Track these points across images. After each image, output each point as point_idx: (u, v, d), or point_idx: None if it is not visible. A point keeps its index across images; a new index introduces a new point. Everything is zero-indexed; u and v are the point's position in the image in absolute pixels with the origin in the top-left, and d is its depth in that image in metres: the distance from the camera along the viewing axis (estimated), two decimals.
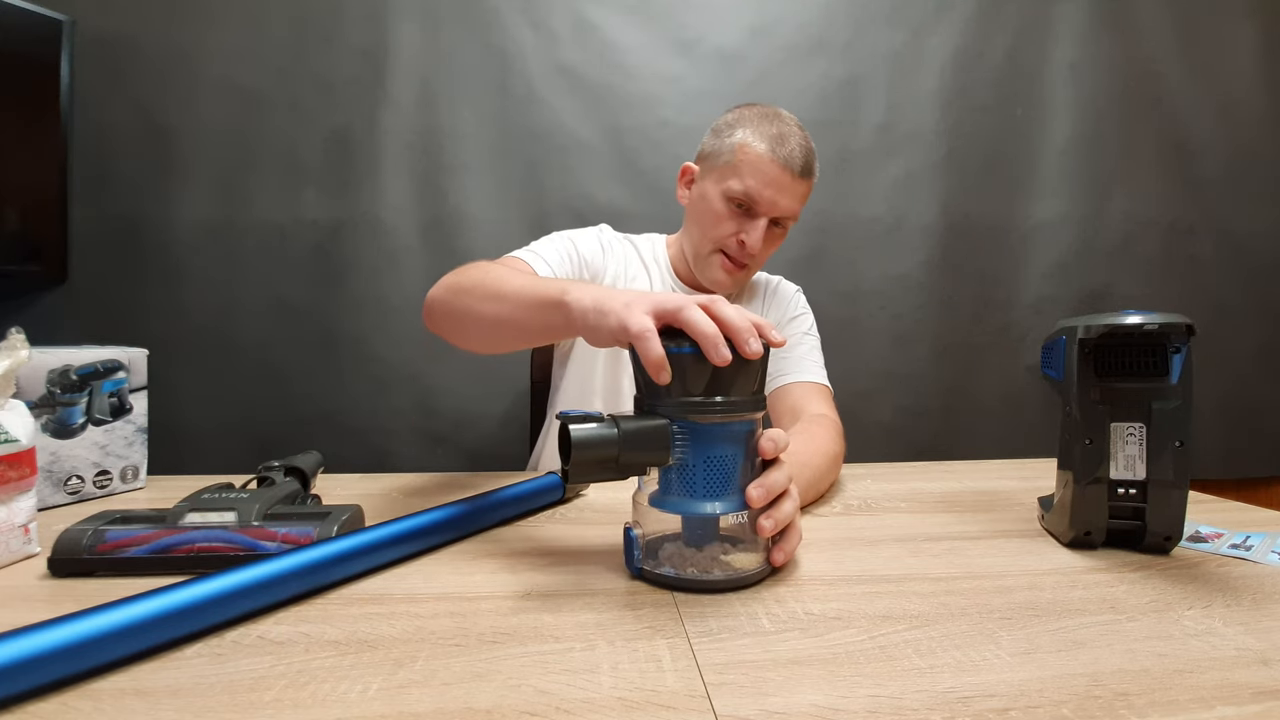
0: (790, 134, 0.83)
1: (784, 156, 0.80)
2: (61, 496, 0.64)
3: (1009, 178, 1.39)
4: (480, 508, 0.56)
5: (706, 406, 0.43)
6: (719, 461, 0.44)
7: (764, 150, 0.81)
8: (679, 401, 0.44)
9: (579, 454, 0.42)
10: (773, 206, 0.82)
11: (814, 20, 1.34)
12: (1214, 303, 1.42)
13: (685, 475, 0.44)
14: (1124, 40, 1.39)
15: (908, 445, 1.35)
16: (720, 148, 0.85)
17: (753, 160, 0.81)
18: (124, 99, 1.19)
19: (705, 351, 0.42)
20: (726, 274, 0.87)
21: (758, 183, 0.81)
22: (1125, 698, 0.32)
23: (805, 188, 0.84)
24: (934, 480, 0.78)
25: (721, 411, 0.44)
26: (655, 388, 0.44)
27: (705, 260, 0.88)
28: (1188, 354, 0.51)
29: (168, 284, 1.20)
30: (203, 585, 0.37)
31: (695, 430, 0.44)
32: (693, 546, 0.46)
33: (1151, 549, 0.53)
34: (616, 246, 0.93)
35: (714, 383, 0.43)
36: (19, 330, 0.49)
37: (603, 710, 0.30)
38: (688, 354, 0.43)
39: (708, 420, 0.44)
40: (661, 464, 0.44)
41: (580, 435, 0.42)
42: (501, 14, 1.27)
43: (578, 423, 0.43)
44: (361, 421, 1.24)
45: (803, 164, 0.82)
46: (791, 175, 0.81)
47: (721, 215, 0.84)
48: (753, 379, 0.45)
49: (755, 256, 0.85)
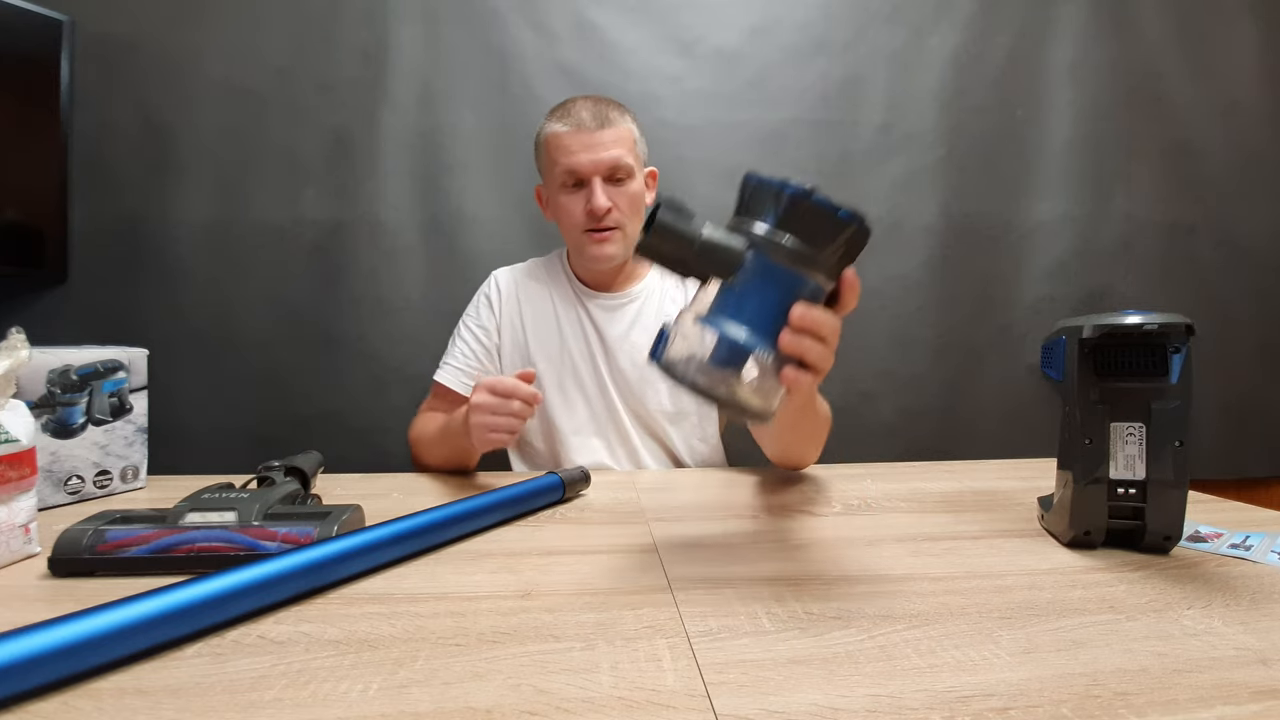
0: (574, 103, 0.90)
1: (574, 123, 0.88)
2: (62, 496, 0.64)
3: (1009, 178, 1.38)
4: (480, 508, 0.56)
5: (786, 249, 0.45)
6: (771, 301, 0.45)
7: (557, 129, 0.89)
8: (770, 235, 0.45)
9: (654, 239, 0.45)
10: (594, 165, 0.87)
11: (814, 20, 1.34)
12: (1214, 303, 1.42)
13: (737, 299, 0.46)
14: (1124, 40, 1.39)
15: (908, 445, 1.35)
16: (539, 156, 0.95)
17: (556, 143, 0.89)
18: (124, 99, 1.18)
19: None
20: (597, 244, 0.91)
21: (567, 155, 0.88)
22: (1124, 697, 0.32)
23: (613, 134, 0.89)
24: (934, 480, 0.79)
25: (797, 260, 0.45)
26: (755, 211, 0.46)
27: (580, 245, 0.93)
28: (1187, 354, 0.51)
29: (168, 284, 1.20)
30: (203, 585, 0.37)
31: (766, 265, 0.45)
32: (714, 364, 0.46)
33: (1151, 549, 0.53)
34: (507, 289, 1.01)
35: (807, 235, 0.45)
36: (19, 330, 0.50)
37: (603, 710, 0.30)
38: (812, 202, 0.44)
39: (781, 260, 0.45)
40: (722, 278, 0.46)
41: (663, 222, 0.45)
42: (501, 14, 1.27)
43: (673, 210, 0.45)
44: (361, 421, 1.24)
45: (592, 117, 0.88)
46: (590, 130, 0.87)
47: (566, 201, 0.91)
48: (836, 254, 0.46)
49: (611, 214, 0.89)
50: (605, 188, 0.89)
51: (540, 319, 0.99)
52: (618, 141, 0.89)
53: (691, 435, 0.99)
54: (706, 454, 1.00)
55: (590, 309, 0.99)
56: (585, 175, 0.88)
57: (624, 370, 0.97)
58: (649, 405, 0.96)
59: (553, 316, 0.99)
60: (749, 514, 0.64)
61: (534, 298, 1.00)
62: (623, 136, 0.90)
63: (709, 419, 1.01)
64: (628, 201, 0.91)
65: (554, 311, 0.99)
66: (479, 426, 0.72)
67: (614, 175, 0.89)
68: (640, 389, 0.97)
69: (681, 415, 0.98)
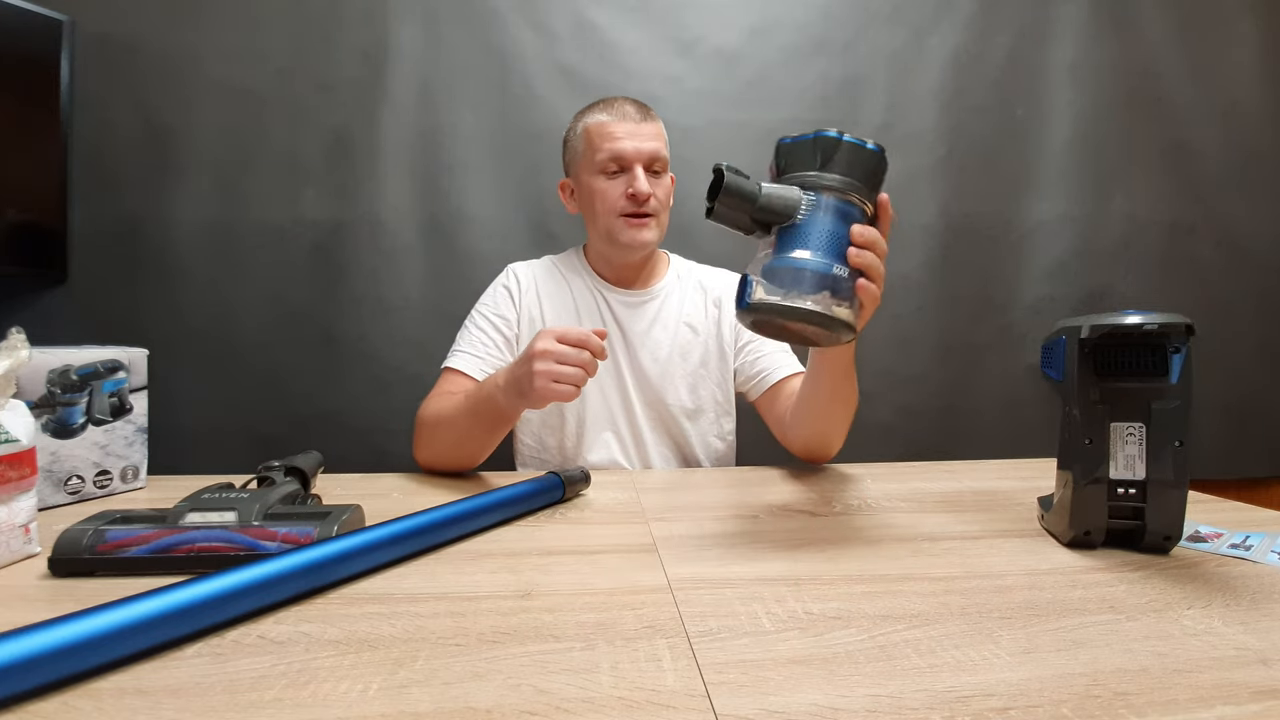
0: (615, 98, 0.95)
1: (620, 113, 0.93)
2: (62, 496, 0.64)
3: (1009, 178, 1.38)
4: (480, 508, 0.56)
5: (835, 184, 0.53)
6: (832, 229, 0.53)
7: (604, 118, 0.93)
8: (818, 175, 0.54)
9: (725, 197, 0.53)
10: (638, 153, 0.91)
11: (814, 20, 1.34)
12: (1214, 303, 1.42)
13: (804, 234, 0.53)
14: (1124, 40, 1.39)
15: (908, 445, 1.35)
16: (575, 145, 0.96)
17: (600, 130, 0.92)
18: (124, 99, 1.18)
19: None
20: (635, 229, 0.93)
21: (613, 141, 0.91)
22: (1125, 697, 0.32)
23: (653, 128, 0.94)
24: (934, 480, 0.79)
25: (845, 190, 0.54)
26: (796, 165, 0.55)
27: (615, 231, 0.94)
28: (1187, 354, 0.51)
29: (168, 284, 1.20)
30: (203, 585, 0.37)
31: (822, 202, 0.53)
32: (802, 289, 0.53)
33: (1151, 549, 0.53)
34: (526, 282, 1.00)
35: (844, 168, 0.54)
36: (19, 330, 0.50)
37: (603, 710, 0.30)
38: (845, 141, 0.54)
39: (832, 195, 0.53)
40: (786, 222, 0.53)
41: (730, 182, 0.53)
42: (501, 14, 1.27)
43: (734, 172, 0.53)
44: (361, 421, 1.24)
45: (637, 110, 0.94)
46: (634, 121, 0.92)
47: (605, 187, 0.93)
48: (871, 180, 0.55)
49: (650, 200, 0.92)
50: (646, 176, 0.92)
51: (560, 313, 0.99)
52: (658, 136, 0.94)
53: (709, 432, 0.99)
54: (723, 451, 1.01)
55: (612, 304, 0.99)
56: (629, 161, 0.91)
57: (645, 367, 0.97)
58: (668, 402, 0.97)
59: (573, 310, 0.99)
60: (749, 514, 0.64)
61: (554, 292, 1.00)
62: (660, 132, 0.95)
63: (726, 415, 1.01)
64: (664, 193, 0.95)
65: (574, 306, 0.99)
66: (543, 374, 0.67)
67: (653, 166, 0.93)
68: (660, 385, 0.97)
69: (699, 412, 0.98)
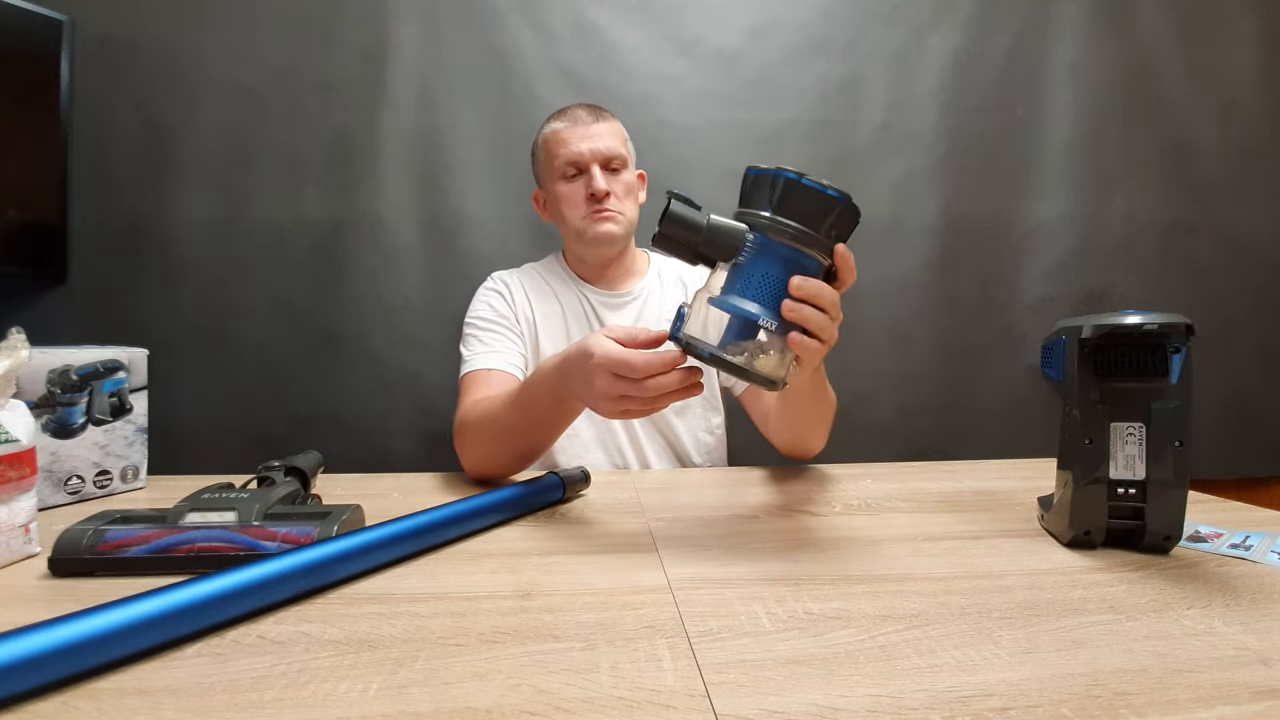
0: (570, 106, 0.98)
1: (572, 118, 0.95)
2: (62, 496, 0.64)
3: (1009, 178, 1.38)
4: (480, 508, 0.56)
5: (784, 228, 0.50)
6: (774, 276, 0.50)
7: (558, 125, 0.96)
8: (769, 217, 0.50)
9: (668, 225, 0.51)
10: (594, 153, 0.93)
11: (814, 20, 1.34)
12: (1214, 303, 1.42)
13: (744, 277, 0.51)
14: (1124, 40, 1.39)
15: (908, 445, 1.35)
16: (539, 156, 0.99)
17: (555, 138, 0.95)
18: (124, 99, 1.18)
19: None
20: (599, 222, 0.94)
21: (567, 146, 0.94)
22: (1125, 697, 0.32)
23: (606, 127, 0.95)
24: (934, 480, 0.79)
25: (794, 238, 0.50)
26: (754, 200, 0.51)
27: (583, 230, 0.95)
28: (1187, 354, 0.51)
29: (167, 284, 1.20)
30: (203, 585, 0.37)
31: (767, 244, 0.50)
32: (728, 337, 0.52)
33: (1151, 549, 0.53)
34: (515, 286, 1.01)
35: (801, 215, 0.50)
36: (19, 330, 0.50)
37: (603, 710, 0.30)
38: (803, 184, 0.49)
39: (780, 239, 0.50)
40: (728, 260, 0.51)
41: (674, 210, 0.52)
42: (501, 14, 1.27)
43: (682, 201, 0.52)
44: (361, 421, 1.24)
45: (588, 113, 0.96)
46: (586, 124, 0.94)
47: (568, 191, 0.95)
48: (829, 232, 0.51)
49: (609, 198, 0.94)
50: (603, 174, 0.94)
51: (549, 315, 0.99)
52: (612, 134, 0.96)
53: (697, 427, 1.00)
54: (712, 445, 1.02)
55: (595, 306, 1.00)
56: (585, 162, 0.93)
57: None
58: None
59: (559, 313, 0.99)
60: (749, 514, 0.64)
61: (541, 295, 1.01)
62: (616, 130, 0.97)
63: (713, 410, 1.02)
64: (623, 188, 0.96)
65: (560, 308, 1.00)
66: (611, 398, 0.55)
67: (610, 164, 0.95)
68: None
69: (687, 408, 0.99)
